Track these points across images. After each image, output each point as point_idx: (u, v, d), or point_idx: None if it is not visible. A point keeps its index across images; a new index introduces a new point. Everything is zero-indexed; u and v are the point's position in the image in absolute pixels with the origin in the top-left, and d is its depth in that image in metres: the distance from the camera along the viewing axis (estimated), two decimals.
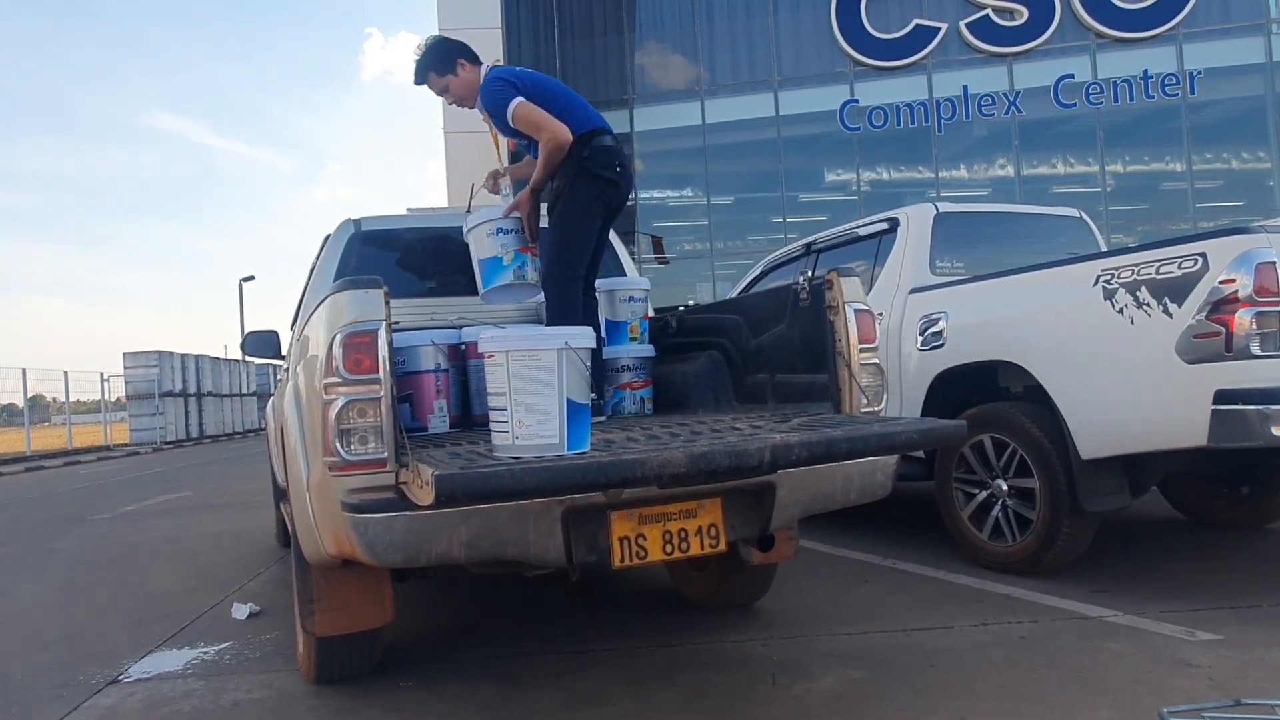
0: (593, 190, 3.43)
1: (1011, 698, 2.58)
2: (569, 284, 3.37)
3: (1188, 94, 17.27)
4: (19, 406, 22.89)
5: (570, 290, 3.37)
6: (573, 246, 3.40)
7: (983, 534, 4.09)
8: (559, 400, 2.20)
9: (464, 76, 3.57)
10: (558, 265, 3.38)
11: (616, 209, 3.61)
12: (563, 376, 2.22)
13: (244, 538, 6.36)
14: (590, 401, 2.36)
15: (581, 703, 2.75)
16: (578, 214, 3.43)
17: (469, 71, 3.58)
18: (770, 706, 2.64)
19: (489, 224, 3.49)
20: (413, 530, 2.15)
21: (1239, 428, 3.09)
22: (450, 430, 3.17)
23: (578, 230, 3.42)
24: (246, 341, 4.76)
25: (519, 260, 3.48)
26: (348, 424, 2.22)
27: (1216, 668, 2.71)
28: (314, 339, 2.52)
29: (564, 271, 3.37)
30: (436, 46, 3.60)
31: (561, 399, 2.20)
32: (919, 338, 4.47)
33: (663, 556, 2.40)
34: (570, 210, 3.42)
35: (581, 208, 3.43)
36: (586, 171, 3.41)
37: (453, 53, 3.58)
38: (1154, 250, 3.39)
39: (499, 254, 3.47)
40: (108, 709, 2.94)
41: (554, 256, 3.40)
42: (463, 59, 3.58)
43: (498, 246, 3.47)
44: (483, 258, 3.51)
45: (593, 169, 3.41)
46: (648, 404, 3.61)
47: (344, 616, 2.74)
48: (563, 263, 3.37)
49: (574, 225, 3.42)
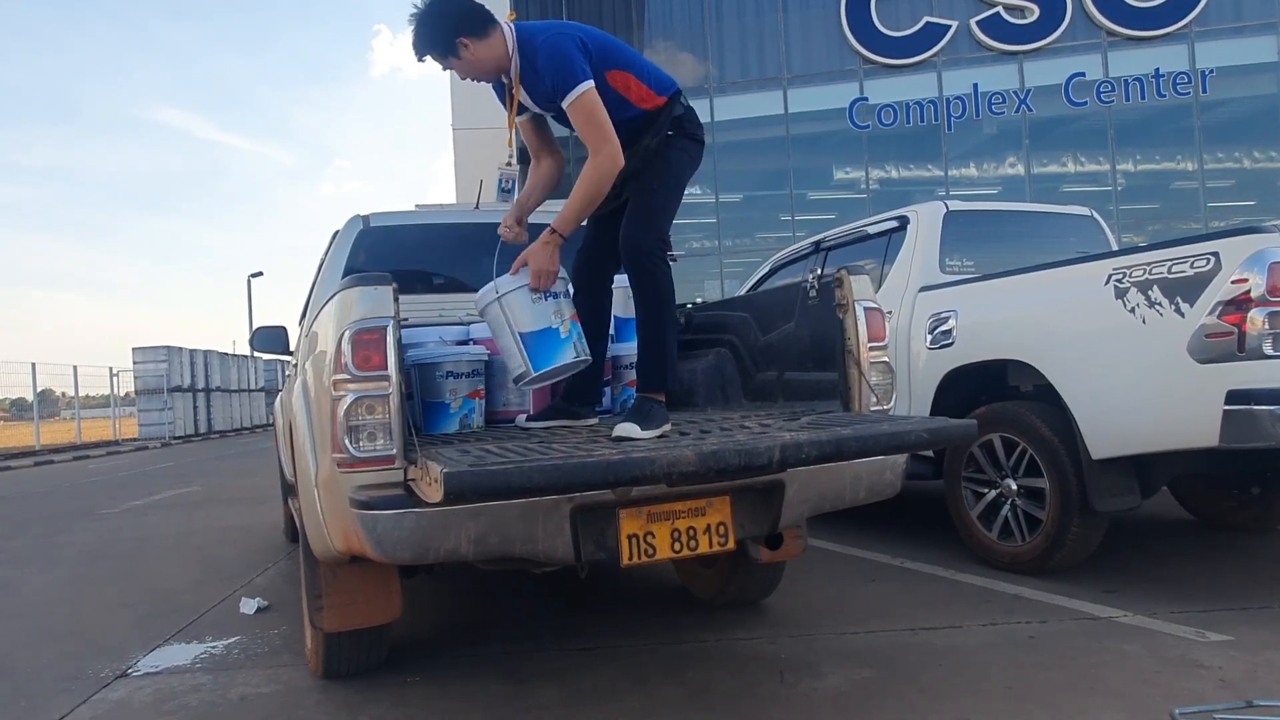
0: (692, 154, 2.97)
1: (1019, 698, 2.57)
2: (664, 263, 2.87)
3: (1200, 93, 17.18)
4: (28, 401, 23.01)
5: (667, 269, 2.88)
6: (671, 218, 2.92)
7: (992, 533, 4.08)
8: (513, 339, 2.75)
9: (470, 56, 2.82)
10: (659, 241, 2.86)
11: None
12: (508, 320, 2.75)
13: (252, 532, 6.38)
14: (554, 324, 2.76)
15: (587, 699, 2.75)
16: (681, 180, 2.95)
17: (478, 48, 2.81)
18: (777, 704, 2.63)
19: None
20: (421, 527, 2.15)
21: (1251, 428, 3.07)
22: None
23: (678, 199, 2.93)
24: (255, 337, 4.76)
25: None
26: (356, 420, 2.21)
27: (1227, 669, 2.69)
28: (323, 335, 2.52)
29: (662, 247, 2.87)
30: (429, 24, 2.80)
31: (515, 336, 2.75)
32: (928, 336, 4.46)
33: (671, 555, 2.40)
34: (678, 173, 2.93)
35: (683, 173, 2.95)
36: (686, 132, 2.94)
37: (449, 33, 2.79)
38: (1166, 249, 3.37)
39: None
40: (117, 702, 2.95)
41: (656, 228, 2.86)
42: (464, 38, 2.79)
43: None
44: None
45: (691, 129, 2.96)
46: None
47: (352, 612, 2.75)
48: (660, 237, 2.87)
49: (676, 193, 2.93)
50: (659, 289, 2.84)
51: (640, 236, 2.83)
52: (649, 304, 2.87)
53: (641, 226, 2.84)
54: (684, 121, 2.95)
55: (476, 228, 4.03)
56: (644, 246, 2.82)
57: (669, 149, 2.91)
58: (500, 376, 3.17)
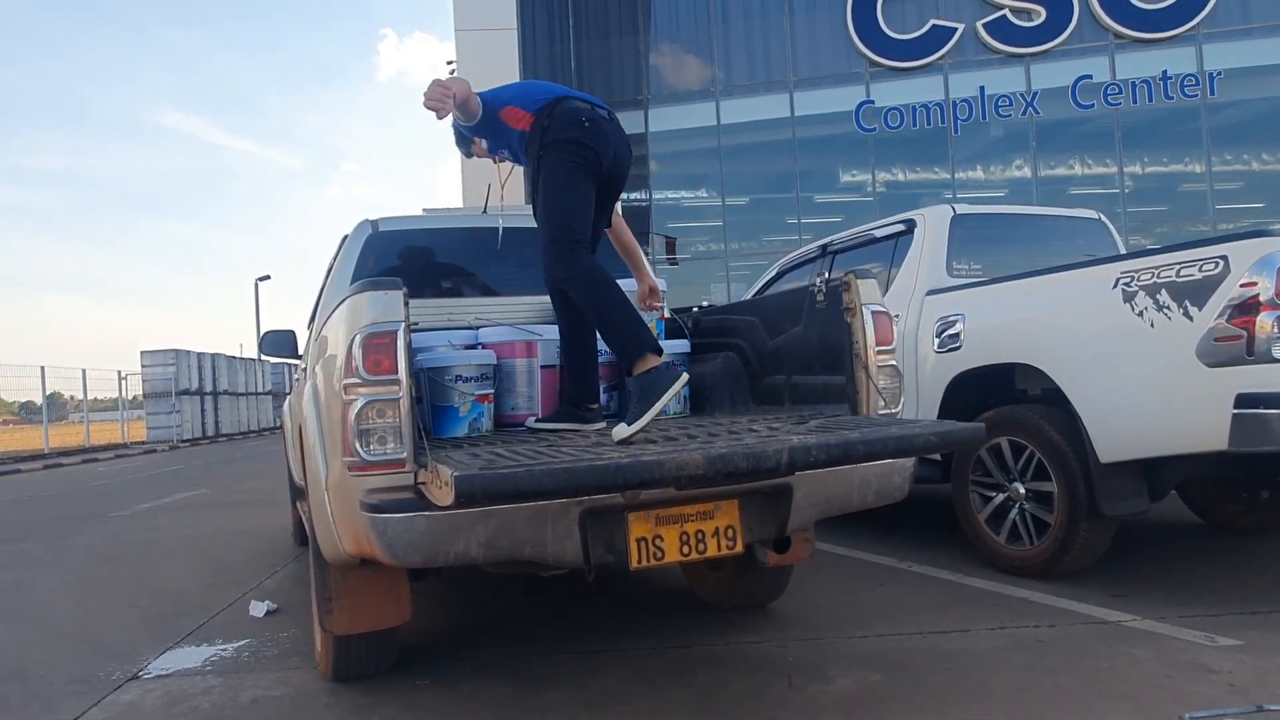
0: (563, 156, 2.97)
1: (1028, 701, 2.57)
2: (577, 258, 2.88)
3: (1207, 95, 17.11)
4: (37, 404, 23.11)
5: (586, 262, 2.89)
6: (558, 228, 2.91)
7: (1000, 537, 4.07)
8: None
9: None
10: (552, 251, 2.90)
11: (611, 174, 3.11)
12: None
13: (260, 535, 6.40)
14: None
15: (595, 702, 2.75)
16: (557, 190, 2.95)
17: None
18: (785, 707, 2.63)
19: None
20: (432, 530, 2.16)
21: (1260, 431, 3.06)
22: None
23: (560, 209, 2.93)
24: (264, 341, 4.79)
25: (476, 411, 3.03)
26: (367, 424, 2.23)
27: (1237, 673, 2.69)
28: (333, 339, 2.53)
29: (568, 250, 2.88)
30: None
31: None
32: (936, 340, 4.46)
33: (680, 558, 2.40)
34: (553, 187, 2.96)
35: (559, 181, 2.96)
36: (551, 139, 2.99)
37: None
38: (1174, 253, 3.37)
39: (454, 403, 2.98)
40: (128, 705, 2.96)
41: (548, 243, 2.92)
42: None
43: (455, 396, 2.98)
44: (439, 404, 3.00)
45: (555, 135, 2.98)
46: (686, 402, 3.53)
47: (362, 615, 2.76)
48: (558, 246, 2.89)
49: (555, 207, 2.94)
50: (583, 301, 2.92)
51: (547, 270, 2.97)
52: (584, 318, 3.04)
53: (545, 257, 2.96)
54: (549, 130, 3.00)
55: (484, 232, 4.05)
56: (550, 279, 2.99)
57: (540, 167, 3.02)
58: (508, 381, 3.19)
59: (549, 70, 19.23)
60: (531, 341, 3.22)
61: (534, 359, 3.22)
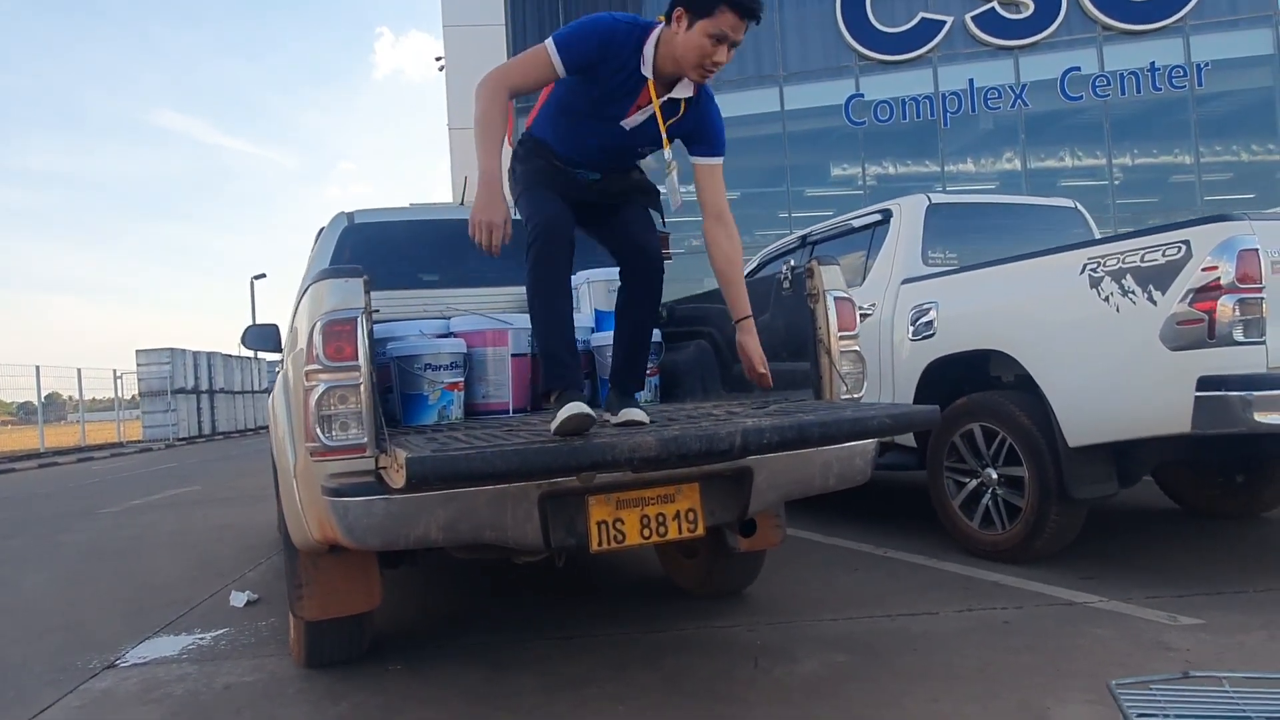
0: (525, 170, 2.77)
1: (987, 680, 2.60)
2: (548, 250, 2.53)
3: (1195, 86, 17.14)
4: (33, 404, 23.10)
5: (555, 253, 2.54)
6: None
7: (973, 522, 4.11)
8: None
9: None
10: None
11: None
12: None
13: (247, 530, 6.43)
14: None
15: (565, 685, 2.79)
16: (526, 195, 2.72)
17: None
18: (751, 688, 2.67)
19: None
20: (391, 514, 2.19)
21: (1221, 414, 3.10)
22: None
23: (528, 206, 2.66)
24: (246, 335, 4.79)
25: (446, 399, 3.06)
26: (329, 410, 2.26)
27: (1195, 651, 2.73)
28: (300, 329, 2.56)
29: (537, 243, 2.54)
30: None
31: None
32: (911, 327, 4.49)
33: (641, 540, 2.43)
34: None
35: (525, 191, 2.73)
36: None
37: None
38: (1138, 238, 3.40)
39: (424, 391, 3.01)
40: (102, 692, 3.00)
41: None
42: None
43: (424, 384, 3.00)
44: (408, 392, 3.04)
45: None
46: (657, 391, 3.57)
47: (332, 601, 2.79)
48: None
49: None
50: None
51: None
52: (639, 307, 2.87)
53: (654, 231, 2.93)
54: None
55: (459, 224, 4.07)
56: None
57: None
58: (479, 369, 3.22)
59: None
60: (502, 330, 3.25)
61: (504, 347, 3.25)
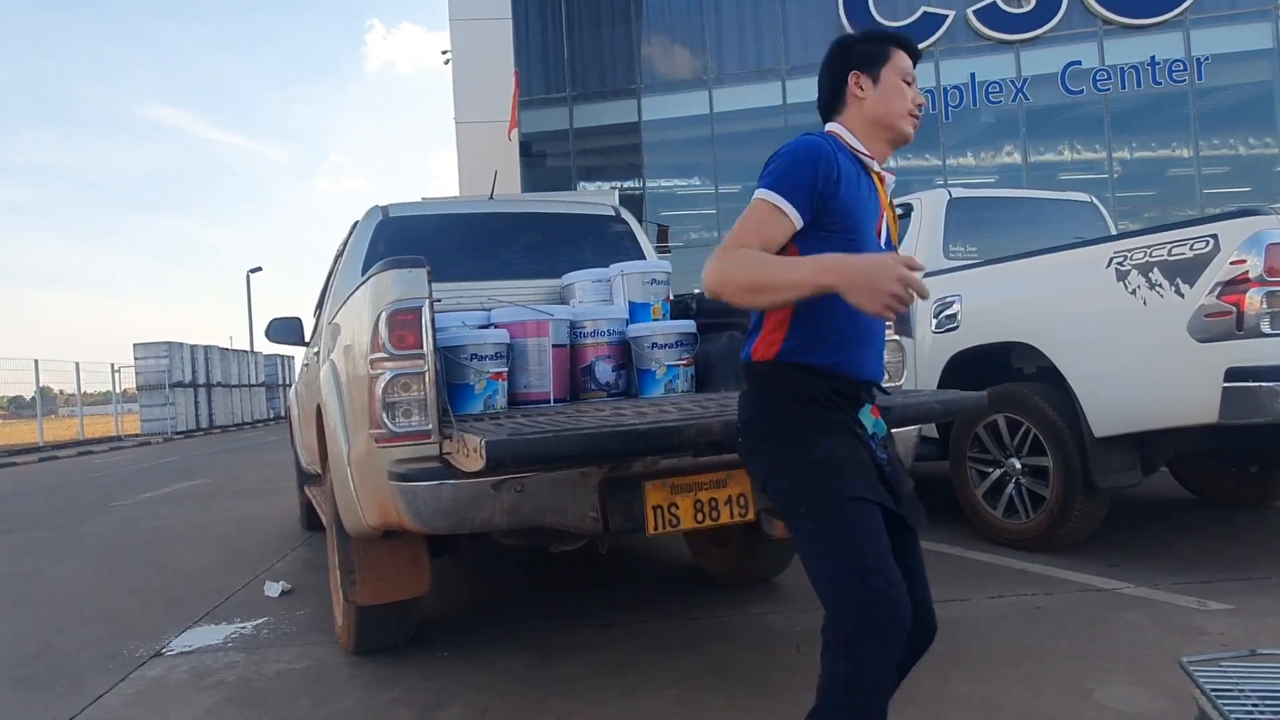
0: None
1: (1030, 664, 2.67)
2: None
3: (1195, 80, 17.26)
4: (26, 399, 23.07)
5: None
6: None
7: (997, 511, 4.18)
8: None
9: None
10: None
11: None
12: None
13: (266, 521, 6.47)
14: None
15: (611, 670, 2.84)
16: None
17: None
18: (793, 674, 2.72)
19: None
20: (458, 498, 2.24)
21: (1250, 404, 3.17)
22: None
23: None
24: (271, 328, 4.83)
25: (491, 388, 3.10)
26: (394, 397, 2.31)
27: (1229, 634, 2.80)
28: (356, 319, 2.61)
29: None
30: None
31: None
32: (933, 321, 4.55)
33: (694, 524, 2.48)
34: None
35: None
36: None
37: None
38: (1166, 232, 3.47)
39: (470, 381, 3.04)
40: (155, 679, 3.04)
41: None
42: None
43: (470, 374, 3.04)
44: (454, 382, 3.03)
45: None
46: (692, 380, 3.58)
47: (384, 586, 2.84)
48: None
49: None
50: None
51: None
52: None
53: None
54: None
55: (491, 217, 4.13)
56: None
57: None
58: (521, 359, 3.27)
59: (542, 59, 19.23)
60: (543, 321, 3.30)
61: (545, 338, 3.29)
